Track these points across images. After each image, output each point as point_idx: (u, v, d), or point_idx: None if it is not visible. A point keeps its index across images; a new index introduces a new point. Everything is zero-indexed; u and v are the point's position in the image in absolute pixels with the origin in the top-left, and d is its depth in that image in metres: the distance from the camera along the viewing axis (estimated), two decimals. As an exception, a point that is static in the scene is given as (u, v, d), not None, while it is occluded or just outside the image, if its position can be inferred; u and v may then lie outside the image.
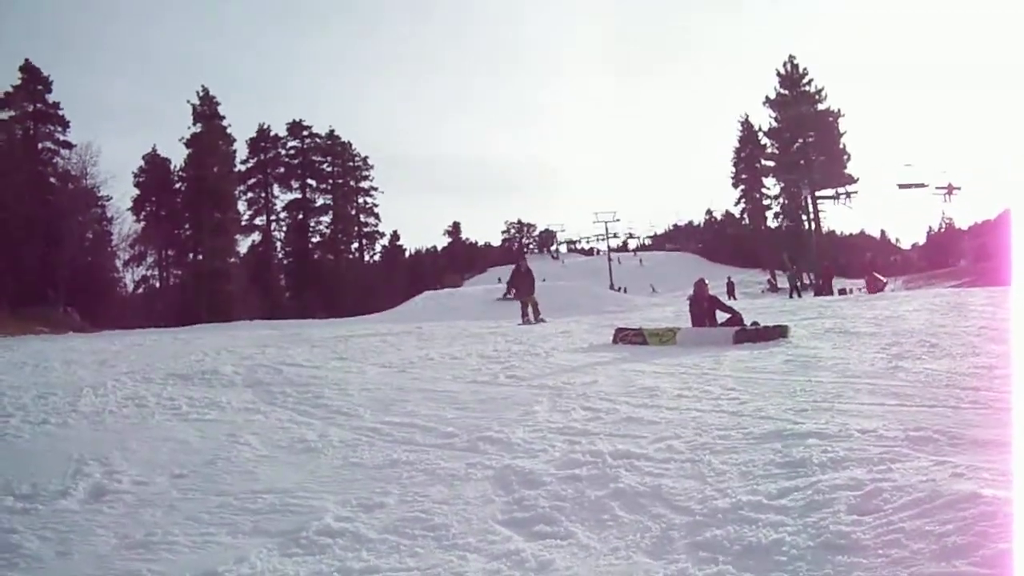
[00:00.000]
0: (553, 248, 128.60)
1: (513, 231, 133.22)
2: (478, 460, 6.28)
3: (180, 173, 69.18)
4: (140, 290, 69.09)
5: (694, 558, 4.15)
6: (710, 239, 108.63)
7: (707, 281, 15.90)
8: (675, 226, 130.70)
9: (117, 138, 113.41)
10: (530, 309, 22.46)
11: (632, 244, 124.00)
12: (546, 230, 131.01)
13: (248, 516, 5.26)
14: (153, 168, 68.84)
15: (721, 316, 14.60)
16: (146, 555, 4.66)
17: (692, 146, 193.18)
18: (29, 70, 58.88)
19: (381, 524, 5.00)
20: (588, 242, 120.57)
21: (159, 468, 6.41)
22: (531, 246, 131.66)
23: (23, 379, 12.24)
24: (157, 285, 69.44)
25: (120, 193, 77.80)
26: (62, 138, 59.89)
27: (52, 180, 58.01)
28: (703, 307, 14.93)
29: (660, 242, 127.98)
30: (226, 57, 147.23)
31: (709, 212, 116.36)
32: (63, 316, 41.68)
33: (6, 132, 54.74)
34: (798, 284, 50.77)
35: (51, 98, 59.81)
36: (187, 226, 68.33)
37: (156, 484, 6.02)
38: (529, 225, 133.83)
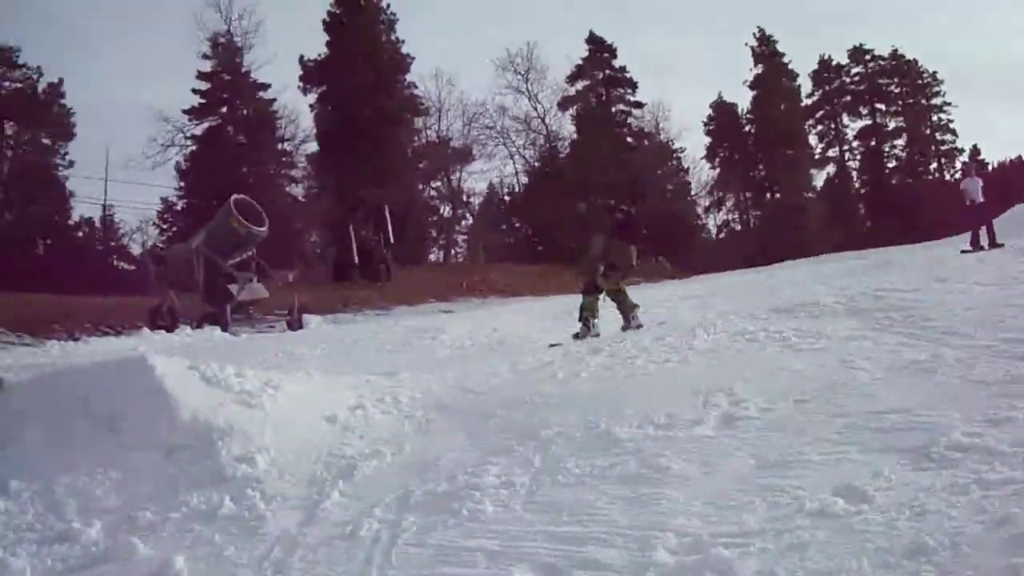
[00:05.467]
0: None
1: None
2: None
3: (748, 116, 70.18)
4: (722, 234, 71.69)
5: None
6: None
7: None
8: None
9: (684, 91, 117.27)
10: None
11: None
12: None
13: (874, 434, 5.40)
14: (721, 115, 70.24)
15: None
16: (783, 472, 5.00)
17: None
18: (593, 40, 63.42)
19: (1011, 438, 4.88)
20: None
21: (779, 395, 6.72)
22: None
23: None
24: (738, 228, 71.48)
25: (693, 144, 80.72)
26: (632, 99, 63.83)
27: (629, 140, 62.14)
28: None
29: None
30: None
31: None
32: (655, 265, 44.36)
33: (583, 101, 59.56)
34: None
35: (617, 63, 64.01)
36: (760, 167, 69.18)
37: (780, 410, 6.35)
38: None
